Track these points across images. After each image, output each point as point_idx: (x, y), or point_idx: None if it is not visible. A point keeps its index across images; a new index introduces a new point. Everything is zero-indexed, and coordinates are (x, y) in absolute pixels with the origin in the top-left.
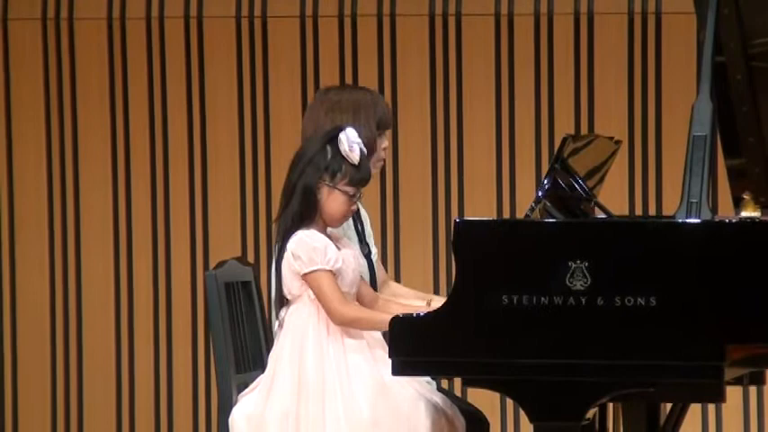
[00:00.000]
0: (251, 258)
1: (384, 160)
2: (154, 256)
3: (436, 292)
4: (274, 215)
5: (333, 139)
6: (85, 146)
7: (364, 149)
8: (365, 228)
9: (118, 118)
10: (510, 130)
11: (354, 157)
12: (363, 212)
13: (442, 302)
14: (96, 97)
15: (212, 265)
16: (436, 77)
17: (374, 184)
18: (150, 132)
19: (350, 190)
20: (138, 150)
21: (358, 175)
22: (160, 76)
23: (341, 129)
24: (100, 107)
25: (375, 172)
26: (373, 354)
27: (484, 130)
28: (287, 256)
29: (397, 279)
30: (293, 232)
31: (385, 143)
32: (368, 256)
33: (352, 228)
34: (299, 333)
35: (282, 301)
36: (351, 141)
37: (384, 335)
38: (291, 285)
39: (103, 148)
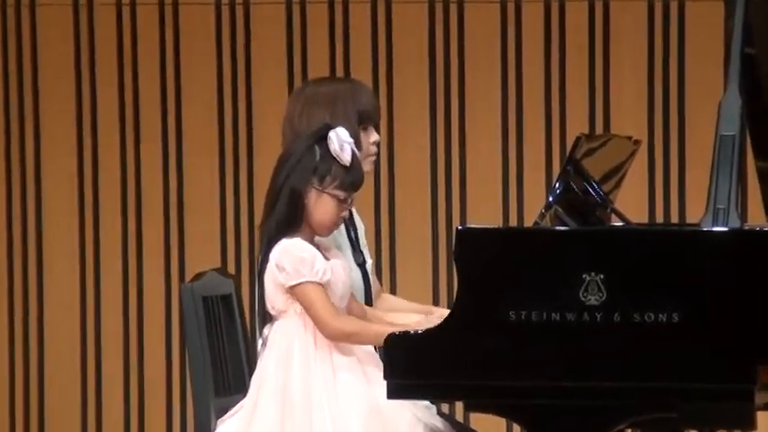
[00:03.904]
0: (231, 269)
1: (375, 155)
2: (124, 266)
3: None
4: (258, 220)
5: (321, 139)
6: (49, 141)
7: (356, 150)
8: (359, 235)
9: (84, 111)
10: (517, 128)
11: (345, 157)
12: (358, 220)
13: (444, 316)
14: (60, 91)
15: (189, 276)
16: (436, 69)
17: (367, 187)
18: (120, 128)
19: (340, 194)
20: (106, 147)
21: (349, 178)
22: (131, 69)
23: (330, 127)
24: (64, 100)
25: (368, 169)
26: (365, 372)
27: (488, 129)
28: (270, 267)
29: (393, 293)
30: (277, 241)
31: (373, 137)
32: (362, 265)
33: (344, 234)
34: (284, 351)
35: (266, 318)
36: (341, 140)
37: (377, 349)
38: (275, 300)
39: (68, 142)
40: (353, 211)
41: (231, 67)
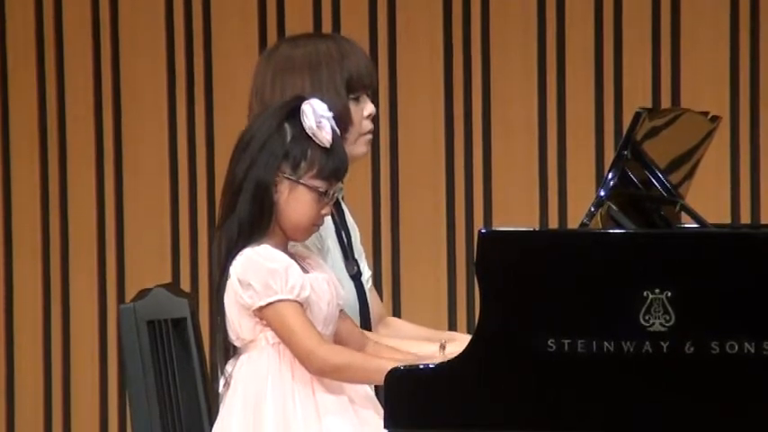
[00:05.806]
0: (185, 286)
1: (371, 133)
2: (44, 281)
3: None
4: (218, 222)
5: (293, 114)
6: None
7: (336, 128)
8: (353, 241)
9: None
10: (558, 104)
11: (324, 137)
12: (351, 223)
13: (463, 347)
14: None
15: (130, 295)
16: (452, 31)
17: (363, 180)
18: (39, 103)
19: (320, 185)
20: (19, 128)
21: (331, 164)
22: (54, 26)
23: (303, 98)
24: None
25: (364, 151)
26: (359, 415)
27: (521, 105)
28: (232, 284)
29: (396, 315)
30: (239, 250)
31: (368, 108)
32: (356, 276)
33: (333, 236)
34: (253, 393)
35: (229, 350)
36: (318, 115)
37: (378, 390)
38: (240, 326)
39: None
40: (345, 210)
41: (185, 21)
